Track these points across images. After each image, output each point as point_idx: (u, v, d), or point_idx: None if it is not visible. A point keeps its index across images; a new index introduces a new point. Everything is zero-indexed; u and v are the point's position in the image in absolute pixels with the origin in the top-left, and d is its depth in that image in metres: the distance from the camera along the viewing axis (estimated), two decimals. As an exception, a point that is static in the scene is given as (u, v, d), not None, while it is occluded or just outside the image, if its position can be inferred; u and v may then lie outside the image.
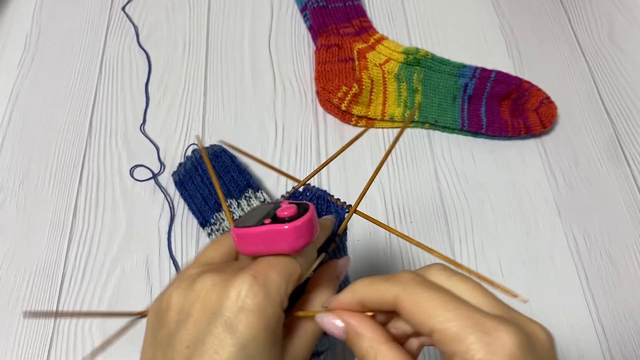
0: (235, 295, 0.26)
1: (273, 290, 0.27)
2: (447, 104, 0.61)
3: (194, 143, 0.61)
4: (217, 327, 0.26)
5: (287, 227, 0.28)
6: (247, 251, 0.30)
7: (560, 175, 0.60)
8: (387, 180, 0.59)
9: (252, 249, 0.29)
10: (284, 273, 0.28)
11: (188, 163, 0.56)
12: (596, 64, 0.67)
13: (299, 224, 0.28)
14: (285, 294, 0.28)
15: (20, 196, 0.59)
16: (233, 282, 0.27)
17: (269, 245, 0.29)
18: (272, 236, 0.28)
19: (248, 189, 0.54)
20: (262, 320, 0.26)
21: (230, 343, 0.25)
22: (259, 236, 0.29)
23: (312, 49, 0.69)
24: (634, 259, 0.55)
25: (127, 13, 0.72)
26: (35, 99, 0.65)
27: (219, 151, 0.57)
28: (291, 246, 0.28)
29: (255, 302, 0.26)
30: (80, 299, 0.53)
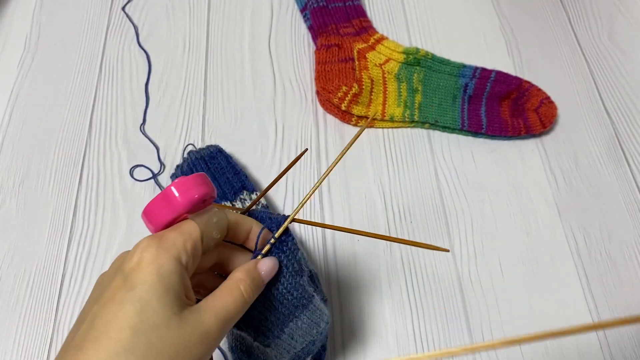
0: (133, 253, 0.30)
1: (168, 244, 0.30)
2: (447, 104, 0.61)
3: (191, 143, 0.61)
4: (116, 281, 0.29)
5: (171, 185, 0.31)
6: (156, 223, 0.32)
7: (560, 175, 0.60)
8: (387, 180, 0.59)
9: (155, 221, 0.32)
10: (180, 230, 0.31)
11: (184, 165, 0.56)
12: (596, 64, 0.67)
13: (182, 179, 0.31)
14: (183, 249, 0.30)
15: (20, 196, 0.59)
16: (136, 245, 0.30)
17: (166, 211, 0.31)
18: (164, 200, 0.31)
19: (243, 191, 0.54)
20: (157, 271, 0.29)
21: (127, 295, 0.28)
22: (157, 208, 0.32)
23: (312, 49, 0.69)
24: (634, 259, 0.55)
25: (127, 13, 0.72)
26: (35, 99, 0.66)
27: (214, 152, 0.57)
28: (181, 201, 0.31)
29: (149, 255, 0.29)
30: (80, 299, 0.53)
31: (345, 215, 0.57)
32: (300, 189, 0.59)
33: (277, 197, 0.59)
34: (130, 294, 0.28)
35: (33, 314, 0.52)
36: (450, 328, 0.51)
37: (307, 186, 0.59)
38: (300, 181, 0.59)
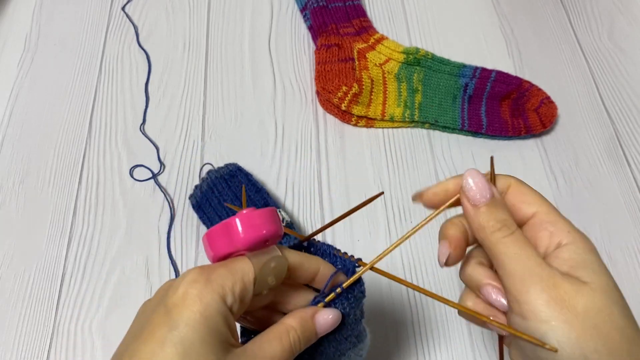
0: (179, 285, 0.28)
1: (217, 283, 0.28)
2: (447, 103, 0.61)
3: (209, 163, 0.60)
4: (158, 315, 0.27)
5: (236, 218, 0.28)
6: (214, 252, 0.30)
7: (561, 175, 0.60)
8: (387, 180, 0.59)
9: (215, 251, 0.30)
10: (233, 269, 0.29)
11: (204, 185, 0.55)
12: (596, 63, 0.67)
13: (248, 213, 0.28)
14: (231, 290, 0.28)
15: (20, 196, 0.59)
16: (183, 275, 0.28)
17: (225, 242, 0.29)
18: (225, 231, 0.29)
19: None
20: (201, 311, 0.27)
21: (169, 335, 0.26)
22: (217, 237, 0.29)
23: (312, 49, 0.69)
24: (634, 259, 0.55)
25: (127, 13, 0.72)
26: (35, 99, 0.66)
27: (234, 170, 0.55)
28: (243, 239, 0.28)
29: (195, 292, 0.27)
30: (80, 299, 0.53)
31: (345, 215, 0.57)
32: (300, 189, 0.59)
33: (277, 198, 0.59)
34: (173, 334, 0.26)
35: (33, 314, 0.52)
36: (450, 329, 0.51)
37: (306, 186, 0.59)
38: (300, 181, 0.59)
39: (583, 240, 0.29)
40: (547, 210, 0.30)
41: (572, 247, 0.29)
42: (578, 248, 0.29)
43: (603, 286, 0.28)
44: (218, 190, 0.54)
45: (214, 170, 0.56)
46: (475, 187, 0.30)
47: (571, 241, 0.29)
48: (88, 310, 0.52)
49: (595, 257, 0.29)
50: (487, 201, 0.30)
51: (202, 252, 0.55)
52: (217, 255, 0.30)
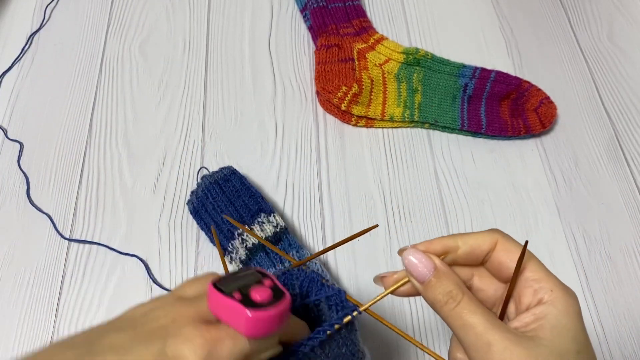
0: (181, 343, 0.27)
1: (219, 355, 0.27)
2: (447, 103, 0.61)
3: (205, 167, 0.60)
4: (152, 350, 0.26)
5: (249, 315, 0.27)
6: (212, 311, 0.29)
7: (560, 175, 0.60)
8: (387, 180, 0.60)
9: (216, 313, 0.29)
10: (234, 349, 0.27)
11: (199, 191, 0.55)
12: (596, 64, 0.68)
13: (261, 316, 0.27)
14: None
15: (20, 196, 0.59)
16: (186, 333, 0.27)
17: (230, 319, 0.28)
18: (234, 313, 0.28)
19: (260, 214, 0.52)
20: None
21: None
22: (223, 307, 0.28)
23: (312, 49, 0.69)
24: (633, 259, 0.55)
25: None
26: (35, 99, 0.66)
27: (228, 174, 0.55)
28: (247, 332, 0.27)
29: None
30: (80, 299, 0.53)
31: (345, 215, 0.57)
32: (300, 189, 0.59)
33: (277, 198, 0.59)
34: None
35: (33, 314, 0.52)
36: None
37: (306, 186, 0.59)
38: (300, 181, 0.59)
39: (563, 300, 0.29)
40: (534, 267, 0.30)
41: (548, 307, 0.29)
42: (554, 309, 0.28)
43: (561, 351, 0.28)
44: (212, 196, 0.53)
45: (207, 175, 0.56)
46: (417, 265, 0.31)
47: (551, 301, 0.29)
48: (88, 311, 0.52)
49: (570, 319, 0.28)
50: (431, 275, 0.30)
51: (202, 252, 0.55)
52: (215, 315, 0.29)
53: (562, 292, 0.29)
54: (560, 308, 0.28)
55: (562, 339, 0.28)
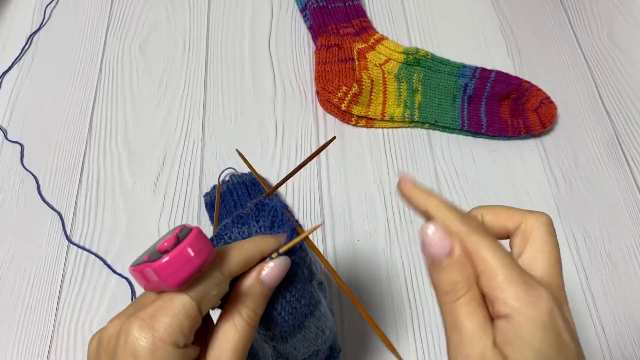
0: (124, 341, 0.27)
1: (163, 332, 0.27)
2: (447, 104, 0.61)
3: (232, 167, 0.60)
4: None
5: (154, 266, 0.26)
6: (146, 288, 0.28)
7: (560, 175, 0.60)
8: (387, 180, 0.60)
9: (146, 287, 0.28)
10: (173, 311, 0.27)
11: (223, 186, 0.56)
12: (596, 64, 0.67)
13: (165, 261, 0.26)
14: (180, 331, 0.27)
15: (20, 196, 0.59)
16: (126, 327, 0.27)
17: (152, 285, 0.27)
18: (149, 276, 0.27)
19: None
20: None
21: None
22: (142, 278, 0.27)
23: (312, 49, 0.69)
24: (633, 259, 0.55)
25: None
26: (35, 99, 0.66)
27: (255, 179, 0.56)
28: (168, 284, 0.26)
29: (144, 345, 0.26)
30: (80, 299, 0.53)
31: (345, 215, 0.57)
32: (300, 189, 0.59)
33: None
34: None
35: (33, 314, 0.52)
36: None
37: (306, 186, 0.59)
38: (300, 181, 0.59)
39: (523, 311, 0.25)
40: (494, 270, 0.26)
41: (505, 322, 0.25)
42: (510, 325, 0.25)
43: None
44: (237, 195, 0.54)
45: (237, 175, 0.57)
46: (434, 243, 0.28)
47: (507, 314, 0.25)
48: (88, 311, 0.52)
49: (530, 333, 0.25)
50: (444, 258, 0.28)
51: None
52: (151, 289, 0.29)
53: (520, 303, 0.25)
54: (519, 322, 0.25)
55: (524, 356, 0.25)
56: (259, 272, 0.31)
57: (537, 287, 0.26)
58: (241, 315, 0.30)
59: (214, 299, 0.29)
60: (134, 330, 0.27)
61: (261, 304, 0.31)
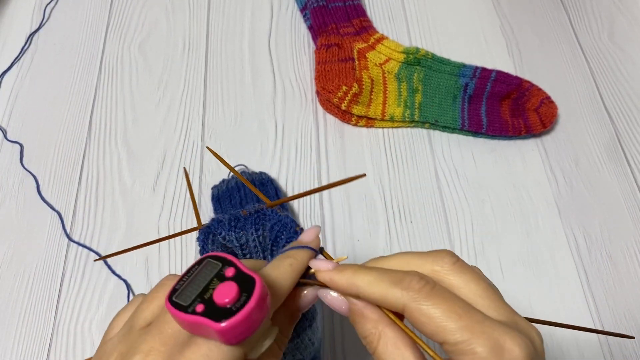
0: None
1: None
2: (447, 103, 0.61)
3: (243, 164, 0.60)
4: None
5: (220, 329, 0.23)
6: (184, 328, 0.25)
7: (561, 175, 0.60)
8: (387, 180, 0.59)
9: (185, 329, 0.25)
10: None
11: (232, 181, 0.55)
12: (597, 63, 0.67)
13: (233, 323, 0.23)
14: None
15: (20, 196, 0.59)
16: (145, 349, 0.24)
17: (203, 333, 0.24)
18: (203, 329, 0.24)
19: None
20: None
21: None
22: (189, 325, 0.24)
23: (312, 49, 0.68)
24: (634, 259, 0.55)
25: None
26: (35, 99, 0.65)
27: (266, 179, 0.55)
28: (227, 342, 0.24)
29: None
30: (80, 299, 0.53)
31: (345, 215, 0.57)
32: (301, 189, 0.59)
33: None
34: None
35: (33, 314, 0.52)
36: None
37: (306, 186, 0.59)
38: (300, 181, 0.59)
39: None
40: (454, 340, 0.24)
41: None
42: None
43: None
44: (245, 192, 0.54)
45: (247, 173, 0.57)
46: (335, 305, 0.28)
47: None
48: (88, 310, 0.52)
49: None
50: (348, 315, 0.28)
51: (202, 252, 0.55)
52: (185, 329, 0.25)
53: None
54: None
55: None
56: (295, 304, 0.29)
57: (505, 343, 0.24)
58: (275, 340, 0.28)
59: (265, 345, 0.26)
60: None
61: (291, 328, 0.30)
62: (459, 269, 0.27)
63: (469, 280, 0.27)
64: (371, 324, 0.27)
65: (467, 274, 0.27)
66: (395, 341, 0.26)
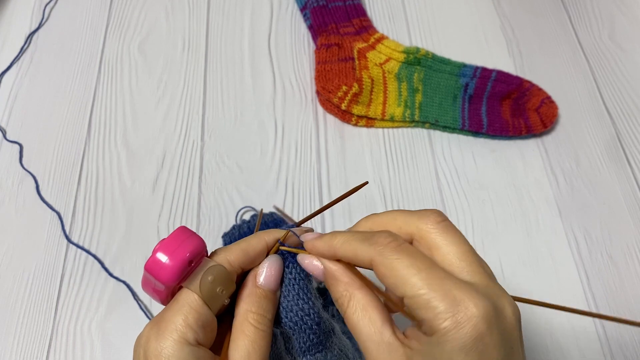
0: (137, 350, 0.28)
1: (168, 329, 0.27)
2: (448, 103, 0.61)
3: (251, 207, 0.57)
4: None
5: (145, 269, 0.28)
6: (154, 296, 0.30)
7: (561, 175, 0.60)
8: (387, 180, 0.59)
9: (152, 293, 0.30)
10: (176, 305, 0.28)
11: (244, 227, 0.54)
12: (597, 63, 0.67)
13: (149, 261, 0.28)
14: (186, 327, 0.27)
15: (19, 196, 0.59)
16: (138, 336, 0.29)
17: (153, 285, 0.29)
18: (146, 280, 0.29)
19: None
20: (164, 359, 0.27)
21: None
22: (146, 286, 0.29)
23: (312, 49, 0.68)
24: (634, 259, 0.55)
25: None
26: (34, 99, 0.65)
27: (279, 220, 0.54)
28: (162, 280, 0.28)
29: (152, 349, 0.27)
30: (79, 299, 0.53)
31: (345, 215, 0.57)
32: (300, 189, 0.59)
33: (277, 198, 0.58)
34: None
35: (32, 314, 0.52)
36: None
37: (306, 186, 0.59)
38: (300, 181, 0.59)
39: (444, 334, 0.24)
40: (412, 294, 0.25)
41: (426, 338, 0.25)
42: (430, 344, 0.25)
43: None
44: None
45: (267, 214, 0.55)
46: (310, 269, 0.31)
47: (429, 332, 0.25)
48: (88, 310, 0.52)
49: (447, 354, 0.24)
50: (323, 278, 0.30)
51: (201, 252, 0.55)
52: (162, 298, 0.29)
53: (448, 323, 0.24)
54: (439, 343, 0.24)
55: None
56: (254, 275, 0.31)
57: (465, 301, 0.24)
58: (248, 320, 0.29)
59: (223, 296, 0.29)
60: (145, 331, 0.28)
61: (266, 305, 0.31)
62: (443, 229, 0.28)
63: (451, 242, 0.27)
64: (342, 287, 0.29)
65: (451, 235, 0.28)
66: (364, 303, 0.28)
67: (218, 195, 0.58)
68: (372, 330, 0.27)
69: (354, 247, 0.28)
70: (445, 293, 0.25)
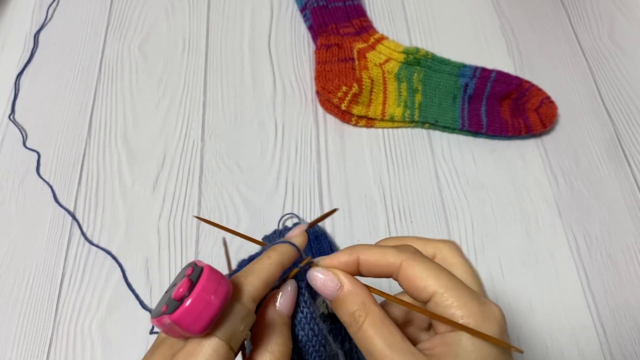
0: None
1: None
2: (447, 103, 0.61)
3: (293, 214, 0.57)
4: None
5: (174, 317, 0.25)
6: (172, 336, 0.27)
7: (561, 175, 0.60)
8: (387, 180, 0.59)
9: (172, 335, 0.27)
10: (205, 357, 0.26)
11: (285, 233, 0.53)
12: (597, 63, 0.67)
13: (182, 311, 0.24)
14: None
15: (20, 196, 0.59)
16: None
17: (179, 333, 0.26)
18: (170, 326, 0.25)
19: None
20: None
21: None
22: (162, 327, 0.26)
23: (312, 49, 0.68)
24: (634, 259, 0.55)
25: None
26: (34, 99, 0.65)
27: (320, 233, 0.53)
28: (194, 332, 0.25)
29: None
30: (80, 299, 0.53)
31: (345, 215, 0.57)
32: (300, 189, 0.59)
33: (277, 198, 0.58)
34: None
35: (33, 313, 0.52)
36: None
37: (306, 186, 0.59)
38: (300, 181, 0.59)
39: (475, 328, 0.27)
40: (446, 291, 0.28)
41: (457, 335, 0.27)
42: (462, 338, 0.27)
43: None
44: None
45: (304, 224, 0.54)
46: (326, 283, 0.30)
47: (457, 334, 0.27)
48: (88, 310, 0.52)
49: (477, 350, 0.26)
50: (335, 296, 0.30)
51: (202, 252, 0.55)
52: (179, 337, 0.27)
53: (474, 320, 0.27)
54: (469, 338, 0.27)
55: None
56: (274, 303, 0.30)
57: (489, 303, 0.28)
58: (270, 352, 0.29)
59: (243, 332, 0.27)
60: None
61: (286, 333, 0.30)
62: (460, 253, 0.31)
63: (461, 273, 0.30)
64: (360, 299, 0.29)
65: (465, 258, 0.31)
66: (381, 316, 0.29)
67: (218, 195, 0.58)
68: (392, 342, 0.28)
69: (382, 250, 0.30)
70: (472, 293, 0.28)
